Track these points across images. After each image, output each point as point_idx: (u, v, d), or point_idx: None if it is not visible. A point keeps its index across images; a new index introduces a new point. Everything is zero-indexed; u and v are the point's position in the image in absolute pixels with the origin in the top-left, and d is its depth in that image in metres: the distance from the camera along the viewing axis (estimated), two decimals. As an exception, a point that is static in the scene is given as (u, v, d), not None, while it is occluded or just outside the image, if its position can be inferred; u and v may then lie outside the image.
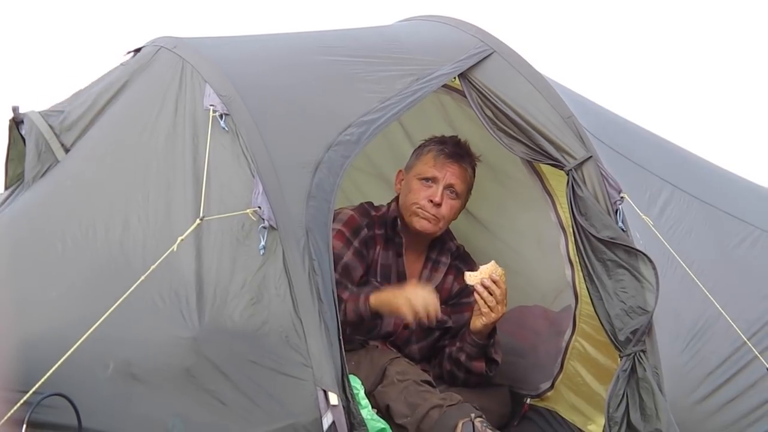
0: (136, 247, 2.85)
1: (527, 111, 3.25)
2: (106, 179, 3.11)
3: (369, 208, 3.62)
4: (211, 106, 3.00)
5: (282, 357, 2.73)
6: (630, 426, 2.95)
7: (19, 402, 2.52)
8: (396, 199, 3.64)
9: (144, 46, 3.40)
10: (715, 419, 3.09)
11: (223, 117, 2.97)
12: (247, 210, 2.83)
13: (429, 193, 3.51)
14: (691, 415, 3.05)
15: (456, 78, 3.34)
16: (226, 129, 2.96)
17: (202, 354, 2.70)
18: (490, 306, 3.33)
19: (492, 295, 3.32)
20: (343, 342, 2.80)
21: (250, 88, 3.07)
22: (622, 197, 3.15)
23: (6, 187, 3.49)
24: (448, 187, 3.52)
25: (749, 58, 7.04)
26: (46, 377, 2.52)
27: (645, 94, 6.64)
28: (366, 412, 2.95)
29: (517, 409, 3.69)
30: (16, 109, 3.43)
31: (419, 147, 3.63)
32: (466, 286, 3.43)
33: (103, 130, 3.25)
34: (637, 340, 2.99)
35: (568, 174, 3.18)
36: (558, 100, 3.28)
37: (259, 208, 2.82)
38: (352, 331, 3.39)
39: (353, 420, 2.75)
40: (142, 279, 2.68)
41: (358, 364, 3.30)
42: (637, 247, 3.07)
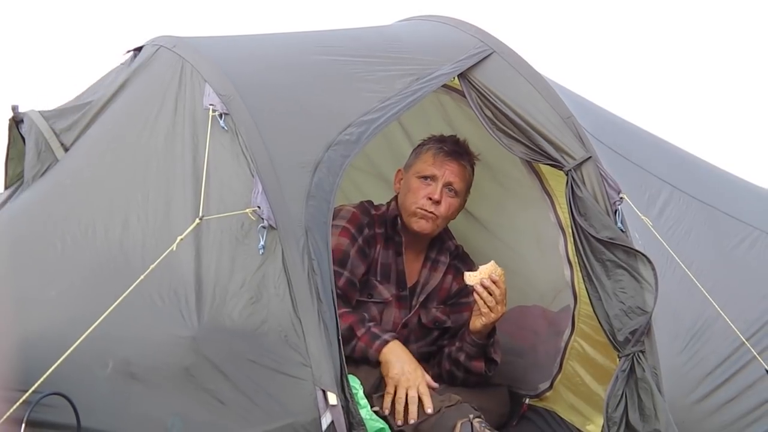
0: (136, 247, 2.85)
1: (527, 111, 3.25)
2: (105, 178, 3.11)
3: (369, 206, 3.62)
4: (210, 105, 3.00)
5: (281, 356, 2.73)
6: (629, 426, 2.95)
7: (19, 401, 2.52)
8: (395, 198, 3.64)
9: (144, 46, 3.40)
10: (713, 419, 3.10)
11: (223, 116, 2.97)
12: (247, 209, 2.83)
13: (428, 191, 3.51)
14: (690, 415, 3.05)
15: (456, 78, 3.34)
16: (225, 128, 2.96)
17: (201, 353, 2.70)
18: (489, 306, 3.32)
19: (492, 295, 3.31)
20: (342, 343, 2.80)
21: (249, 88, 3.07)
22: (621, 198, 3.16)
23: (6, 187, 3.49)
24: (447, 185, 3.52)
25: (748, 59, 7.04)
26: (45, 376, 2.52)
27: (644, 95, 6.64)
28: (365, 412, 2.95)
29: (515, 409, 3.69)
30: (15, 109, 3.43)
31: (418, 146, 3.64)
32: (465, 286, 3.43)
33: (102, 129, 3.25)
34: (636, 341, 2.99)
35: (567, 174, 3.18)
36: (557, 100, 3.28)
37: (259, 207, 2.82)
38: None
39: (352, 420, 2.74)
40: (142, 278, 2.67)
41: (359, 364, 3.28)
42: (636, 247, 3.07)
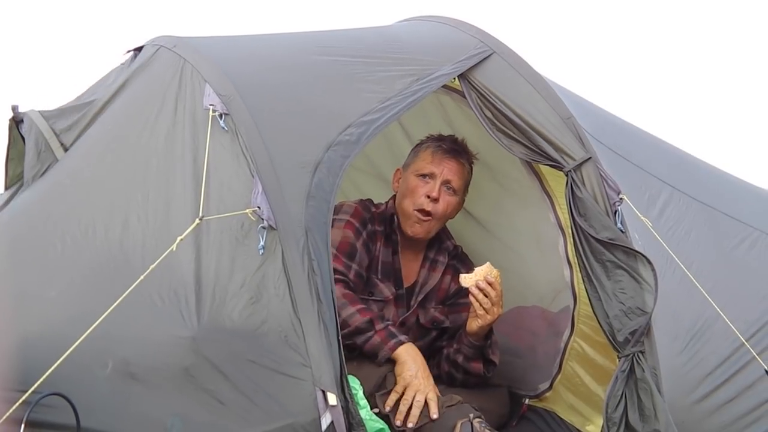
0: (136, 247, 2.84)
1: (527, 112, 3.24)
2: (105, 178, 3.11)
3: (369, 204, 3.64)
4: (210, 105, 3.00)
5: (281, 357, 2.73)
6: (628, 426, 2.95)
7: (18, 401, 2.52)
8: (393, 197, 3.64)
9: (144, 46, 3.40)
10: (713, 420, 3.09)
11: (223, 116, 2.97)
12: (247, 210, 2.83)
13: (427, 189, 3.51)
14: (690, 415, 3.05)
15: (456, 78, 3.34)
16: (225, 128, 2.96)
17: (200, 353, 2.70)
18: (485, 308, 3.32)
19: (487, 297, 3.30)
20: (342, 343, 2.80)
21: (249, 88, 3.07)
22: (621, 198, 3.16)
23: (6, 187, 3.48)
24: (446, 182, 3.52)
25: (748, 60, 7.04)
26: (45, 377, 2.52)
27: (644, 96, 6.65)
28: (365, 412, 2.94)
29: (515, 410, 3.69)
30: (15, 109, 3.43)
31: (417, 145, 3.65)
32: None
33: (102, 129, 3.25)
34: (635, 341, 2.99)
35: (567, 175, 3.18)
36: (557, 101, 3.28)
37: (259, 207, 2.82)
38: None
39: (352, 420, 2.74)
40: (142, 278, 2.67)
41: (360, 364, 3.28)
42: (636, 248, 3.07)
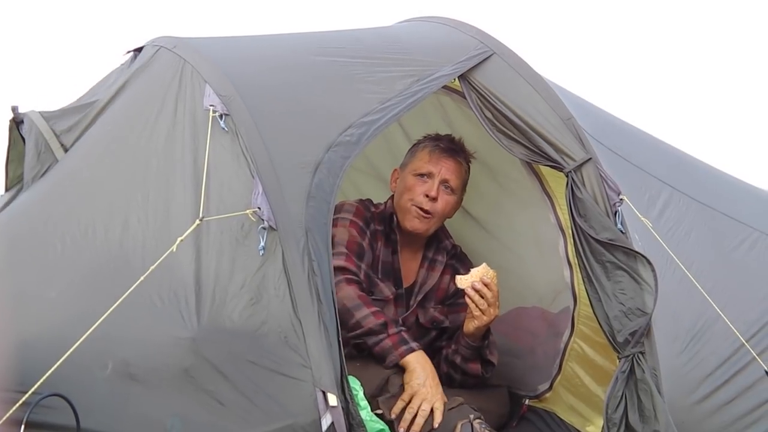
0: (136, 247, 2.84)
1: (527, 113, 3.24)
2: (105, 179, 3.11)
3: (369, 203, 3.64)
4: (210, 106, 2.99)
5: (281, 357, 2.73)
6: (628, 427, 2.95)
7: (18, 402, 2.52)
8: (391, 197, 3.64)
9: (144, 47, 3.40)
10: (713, 420, 3.09)
11: (223, 117, 2.97)
12: (247, 210, 2.82)
13: (425, 188, 3.51)
14: (690, 416, 3.05)
15: (456, 79, 3.34)
16: (225, 129, 2.96)
17: (200, 354, 2.70)
18: (481, 309, 3.31)
19: (483, 298, 3.30)
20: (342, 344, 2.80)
21: (250, 89, 3.07)
22: (621, 199, 3.15)
23: (6, 189, 3.48)
24: (444, 182, 3.52)
25: (748, 60, 7.05)
26: (44, 377, 2.52)
27: (644, 96, 6.65)
28: (365, 413, 2.94)
29: (515, 410, 3.69)
30: (15, 109, 3.42)
31: (414, 145, 3.65)
32: (461, 287, 3.42)
33: (102, 130, 3.25)
34: (635, 342, 2.99)
35: (567, 176, 3.18)
36: (557, 101, 3.28)
37: (259, 208, 2.82)
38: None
39: (352, 421, 2.74)
40: (142, 279, 2.67)
41: (363, 366, 3.27)
42: (636, 248, 3.07)
